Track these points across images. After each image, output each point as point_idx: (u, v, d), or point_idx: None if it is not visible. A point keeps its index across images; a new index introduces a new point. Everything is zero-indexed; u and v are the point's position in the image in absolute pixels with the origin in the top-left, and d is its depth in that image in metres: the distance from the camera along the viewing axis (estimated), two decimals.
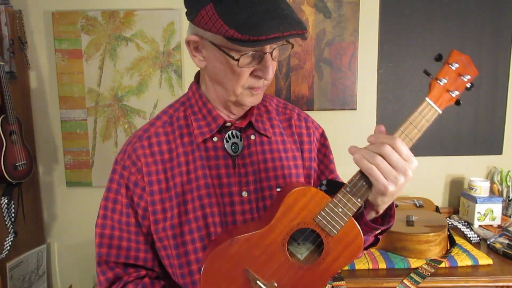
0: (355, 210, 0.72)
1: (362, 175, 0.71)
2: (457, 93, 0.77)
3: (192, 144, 0.84)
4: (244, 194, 0.83)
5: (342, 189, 0.72)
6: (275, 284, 0.74)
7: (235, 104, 0.83)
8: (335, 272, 0.76)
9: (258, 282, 0.73)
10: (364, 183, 0.72)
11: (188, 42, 0.79)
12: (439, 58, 0.78)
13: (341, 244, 0.74)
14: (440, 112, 0.75)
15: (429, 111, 0.78)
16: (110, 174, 0.86)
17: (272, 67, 0.76)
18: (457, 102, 0.79)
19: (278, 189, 0.85)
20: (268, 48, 0.73)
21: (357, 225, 0.74)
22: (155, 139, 0.84)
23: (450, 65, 0.77)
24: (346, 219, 0.72)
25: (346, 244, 0.74)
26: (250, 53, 0.72)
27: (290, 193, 0.74)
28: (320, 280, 0.75)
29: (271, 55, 0.75)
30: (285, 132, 0.92)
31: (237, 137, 0.85)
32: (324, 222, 0.73)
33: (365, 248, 0.93)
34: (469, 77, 0.79)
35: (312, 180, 0.94)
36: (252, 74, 0.76)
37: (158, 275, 0.88)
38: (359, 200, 0.72)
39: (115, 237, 0.84)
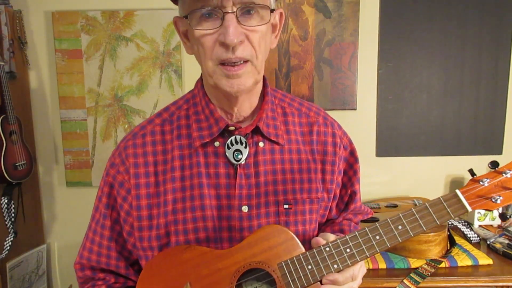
0: (325, 274, 0.65)
1: (348, 243, 0.65)
2: (500, 199, 0.64)
3: (191, 148, 0.75)
4: (244, 209, 0.74)
5: (321, 247, 0.65)
6: None
7: (220, 91, 0.71)
8: None
9: None
10: (348, 251, 0.65)
11: (175, 23, 0.75)
12: (493, 165, 0.69)
13: None
14: (470, 210, 0.65)
15: (456, 203, 0.66)
16: (103, 172, 0.83)
17: (233, 30, 0.64)
18: (503, 216, 0.68)
19: (285, 206, 0.76)
20: (229, 6, 0.64)
21: None
22: (150, 138, 0.77)
23: (503, 172, 0.66)
24: (311, 280, 0.64)
25: None
26: (203, 11, 0.65)
27: (265, 227, 0.68)
28: None
29: (237, 17, 0.64)
30: (303, 139, 0.81)
31: (241, 144, 0.75)
32: (287, 272, 0.65)
33: None
34: None
35: (332, 195, 0.84)
36: (217, 43, 0.66)
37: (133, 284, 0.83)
38: (335, 266, 0.64)
39: (89, 239, 0.81)
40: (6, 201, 1.69)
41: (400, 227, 0.65)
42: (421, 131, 1.97)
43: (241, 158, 0.75)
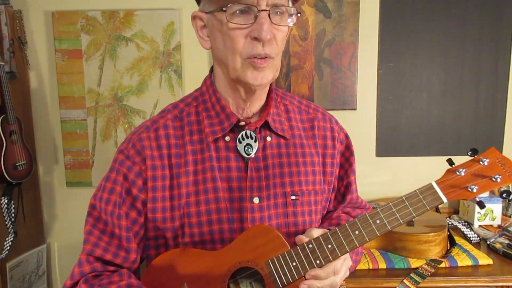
0: (308, 270, 0.67)
1: (329, 239, 0.67)
2: (476, 188, 0.64)
3: (202, 143, 0.79)
4: (256, 200, 0.77)
5: (304, 244, 0.68)
6: None
7: (240, 84, 0.76)
8: None
9: None
10: (329, 247, 0.67)
11: (194, 18, 0.79)
12: (473, 153, 0.68)
13: None
14: (445, 201, 0.66)
15: (431, 195, 0.67)
16: (111, 164, 0.81)
17: (267, 26, 0.68)
18: (480, 204, 0.66)
19: (293, 197, 0.80)
20: (264, 5, 0.69)
21: None
22: (163, 132, 0.79)
23: (479, 161, 0.66)
24: (296, 276, 0.67)
25: None
26: (238, 7, 0.69)
27: (252, 228, 0.72)
28: None
29: (269, 16, 0.69)
30: (306, 134, 0.86)
31: (252, 138, 0.78)
32: (273, 269, 0.68)
33: None
34: (500, 178, 0.64)
35: (332, 186, 0.88)
36: (248, 38, 0.71)
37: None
38: (317, 262, 0.67)
39: (106, 232, 0.78)
40: (6, 201, 1.69)
41: (378, 221, 0.67)
42: (421, 131, 1.97)
43: (251, 152, 0.78)
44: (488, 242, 1.59)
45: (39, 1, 1.89)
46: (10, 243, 1.68)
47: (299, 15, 0.75)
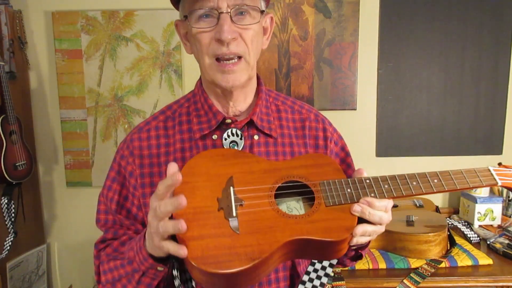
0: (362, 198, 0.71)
1: (386, 180, 0.72)
2: None
3: (191, 141, 0.82)
4: None
5: (362, 178, 0.72)
6: (242, 203, 0.67)
7: (216, 86, 0.80)
8: (302, 237, 0.66)
9: (231, 190, 0.68)
10: (386, 186, 0.71)
11: (176, 26, 0.83)
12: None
13: (331, 215, 0.68)
14: (499, 184, 0.75)
15: (487, 175, 0.75)
16: (111, 163, 0.87)
17: (227, 27, 0.72)
18: None
19: None
20: (224, 7, 0.72)
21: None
22: (154, 132, 0.84)
23: None
24: (348, 200, 0.70)
25: (334, 219, 0.68)
26: (200, 13, 0.73)
27: (314, 153, 0.80)
28: (282, 231, 0.65)
29: (232, 17, 0.73)
30: (296, 133, 0.88)
31: (237, 136, 0.81)
32: (327, 189, 0.70)
33: (342, 263, 0.89)
34: None
35: None
36: (213, 40, 0.74)
37: None
38: (372, 195, 0.70)
39: (117, 223, 0.85)
40: (6, 201, 1.69)
41: (436, 180, 0.73)
42: (421, 131, 1.98)
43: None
44: (488, 242, 1.59)
45: (39, 1, 1.89)
46: (10, 243, 1.68)
47: (264, 11, 0.78)
